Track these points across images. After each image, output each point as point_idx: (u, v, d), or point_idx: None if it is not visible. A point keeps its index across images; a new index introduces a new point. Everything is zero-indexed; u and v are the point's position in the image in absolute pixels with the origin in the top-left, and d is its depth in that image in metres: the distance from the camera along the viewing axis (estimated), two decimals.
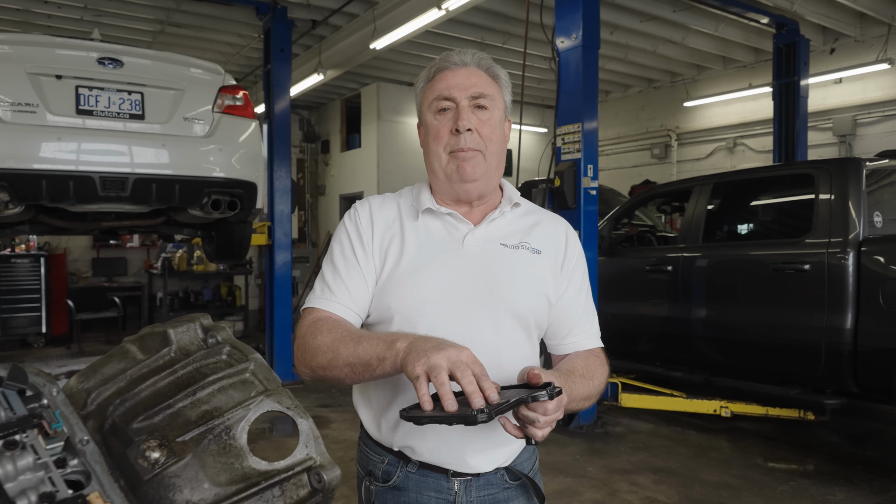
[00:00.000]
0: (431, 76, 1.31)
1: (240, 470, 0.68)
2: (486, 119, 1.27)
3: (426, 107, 1.31)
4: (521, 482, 1.33)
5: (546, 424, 1.04)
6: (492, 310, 1.26)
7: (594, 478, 4.06)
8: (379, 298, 1.27)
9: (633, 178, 11.25)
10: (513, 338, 1.28)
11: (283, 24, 6.88)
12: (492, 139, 1.28)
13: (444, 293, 1.24)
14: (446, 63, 1.30)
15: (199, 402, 0.71)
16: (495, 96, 1.30)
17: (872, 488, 3.84)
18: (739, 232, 5.70)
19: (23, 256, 8.59)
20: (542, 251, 1.33)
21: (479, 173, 1.27)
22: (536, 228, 1.36)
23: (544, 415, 1.03)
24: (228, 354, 0.78)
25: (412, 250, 1.27)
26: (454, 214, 1.30)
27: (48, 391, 0.66)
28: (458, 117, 1.25)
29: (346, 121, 12.21)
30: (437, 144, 1.28)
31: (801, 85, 7.84)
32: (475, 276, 1.26)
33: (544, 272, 1.33)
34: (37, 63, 3.64)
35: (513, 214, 1.36)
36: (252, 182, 4.25)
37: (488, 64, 1.31)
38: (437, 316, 1.23)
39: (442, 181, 1.30)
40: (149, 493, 0.65)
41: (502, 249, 1.30)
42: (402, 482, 1.27)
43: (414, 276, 1.25)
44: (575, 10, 4.98)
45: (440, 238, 1.29)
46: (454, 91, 1.27)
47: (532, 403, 1.00)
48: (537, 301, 1.31)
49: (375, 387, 1.30)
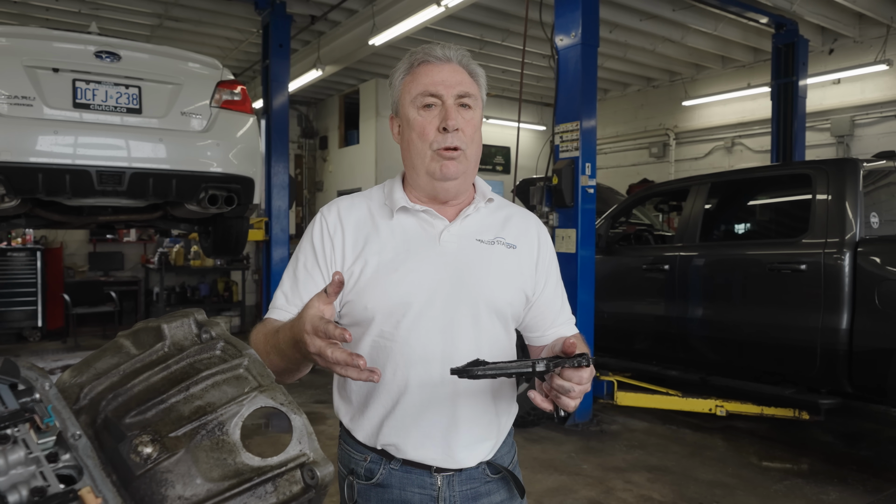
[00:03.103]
0: (413, 67, 1.29)
1: (232, 466, 0.68)
2: (469, 119, 1.27)
3: (408, 101, 1.28)
4: (501, 475, 1.34)
5: (579, 395, 1.07)
6: (471, 305, 1.26)
7: (589, 476, 4.07)
8: (356, 300, 1.26)
9: (631, 176, 11.26)
10: (491, 332, 1.29)
11: (281, 19, 6.87)
12: (474, 139, 1.29)
13: (423, 291, 1.24)
14: (429, 57, 1.28)
15: (192, 397, 0.71)
16: (477, 96, 1.30)
17: (866, 488, 3.85)
18: (736, 231, 5.71)
19: (19, 250, 8.56)
20: (518, 246, 1.35)
21: (460, 171, 1.27)
22: (509, 223, 1.37)
23: (579, 384, 1.06)
24: (222, 350, 0.77)
25: (389, 250, 1.26)
26: (429, 211, 1.30)
27: (40, 385, 0.66)
28: (446, 116, 1.24)
29: (344, 117, 12.19)
30: (423, 142, 1.26)
31: (800, 85, 7.85)
32: (453, 273, 1.26)
33: (520, 267, 1.34)
34: (34, 56, 3.62)
35: (486, 210, 1.36)
36: (249, 177, 4.24)
37: (469, 62, 1.31)
38: (416, 314, 1.23)
39: (422, 178, 1.29)
40: (141, 488, 0.65)
41: (478, 245, 1.31)
42: (385, 479, 1.28)
43: (392, 276, 1.24)
44: (574, 8, 4.97)
45: (416, 236, 1.29)
46: (440, 88, 1.25)
47: (568, 372, 1.05)
48: (515, 295, 1.32)
49: (357, 387, 1.30)
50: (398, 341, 1.24)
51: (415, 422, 1.25)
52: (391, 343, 1.24)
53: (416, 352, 1.23)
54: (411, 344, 1.23)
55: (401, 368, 1.24)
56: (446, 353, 1.24)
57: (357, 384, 1.30)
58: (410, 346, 1.23)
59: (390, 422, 1.25)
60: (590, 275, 5.08)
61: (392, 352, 1.24)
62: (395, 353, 1.24)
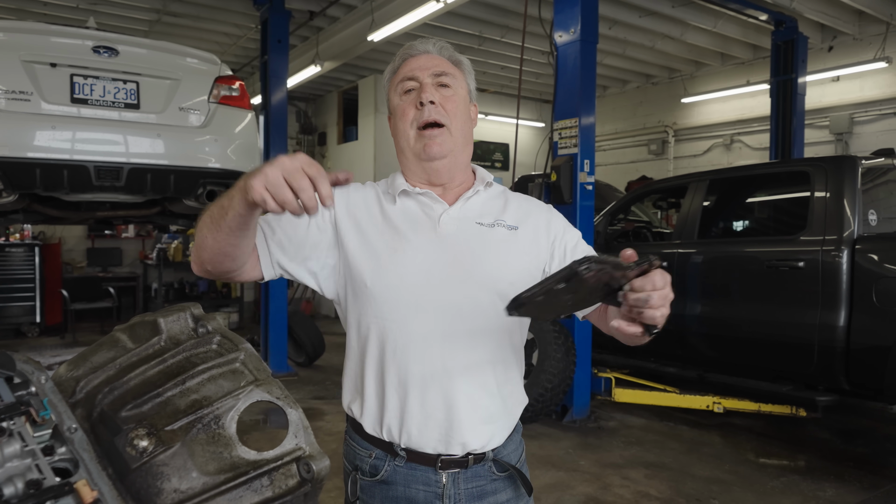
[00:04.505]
0: (397, 66, 1.36)
1: (228, 459, 0.68)
2: (449, 95, 1.31)
3: (393, 92, 1.35)
4: (508, 473, 1.33)
5: (661, 301, 0.92)
6: (471, 287, 1.27)
7: (587, 472, 4.08)
8: (356, 276, 1.27)
9: (630, 173, 11.25)
10: (492, 312, 1.28)
11: (280, 14, 6.84)
12: (456, 115, 1.31)
13: (422, 273, 1.25)
14: (409, 51, 1.35)
15: (188, 391, 0.71)
16: (457, 76, 1.35)
17: (862, 484, 3.86)
18: (735, 229, 5.71)
19: (17, 246, 8.55)
20: (519, 227, 1.35)
21: (447, 150, 1.30)
22: (510, 206, 1.39)
23: (654, 289, 0.91)
24: (219, 344, 0.77)
25: (389, 231, 1.29)
26: (428, 194, 1.32)
27: (36, 379, 0.66)
28: (421, 90, 1.30)
29: (343, 113, 12.16)
30: (404, 122, 1.31)
31: (799, 82, 7.83)
32: (452, 255, 1.27)
33: (523, 247, 1.34)
34: (31, 51, 3.61)
35: (487, 194, 1.38)
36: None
37: (450, 51, 1.37)
38: (416, 296, 1.25)
39: (411, 160, 1.34)
40: (137, 481, 0.65)
41: (478, 228, 1.32)
42: (389, 476, 1.27)
43: (392, 256, 1.26)
44: (573, 5, 4.96)
45: (416, 218, 1.31)
46: (416, 71, 1.32)
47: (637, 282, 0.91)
48: (517, 276, 1.30)
49: (359, 369, 1.30)
50: (398, 322, 1.25)
51: (417, 402, 1.24)
52: (391, 324, 1.25)
53: (416, 332, 1.24)
54: (411, 324, 1.24)
55: (400, 348, 1.25)
56: (446, 332, 1.25)
57: (357, 367, 1.30)
58: (410, 326, 1.24)
59: (392, 403, 1.25)
60: None
61: (392, 332, 1.25)
62: (396, 333, 1.25)
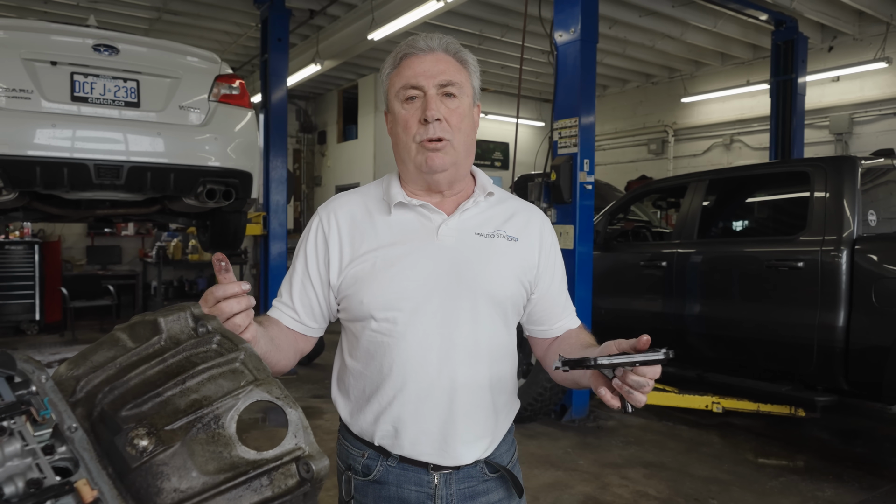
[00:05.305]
0: (397, 62, 1.28)
1: (228, 459, 0.68)
2: (454, 108, 1.25)
3: (393, 95, 1.28)
4: (499, 474, 1.33)
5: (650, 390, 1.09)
6: (469, 300, 1.25)
7: (585, 471, 4.08)
8: (353, 295, 1.26)
9: (630, 173, 11.27)
10: (490, 326, 1.28)
11: (280, 13, 6.84)
12: (460, 128, 1.26)
13: (421, 286, 1.24)
14: (412, 49, 1.26)
15: (188, 390, 0.71)
16: (463, 83, 1.27)
17: (861, 485, 3.87)
18: (734, 228, 5.71)
19: (17, 243, 8.56)
20: (519, 239, 1.33)
21: (449, 163, 1.26)
22: (511, 217, 1.35)
23: (653, 378, 1.09)
24: (218, 344, 0.78)
25: (386, 246, 1.26)
26: (427, 206, 1.28)
27: (37, 378, 0.66)
28: (426, 107, 1.22)
29: (343, 112, 12.17)
30: (406, 135, 1.25)
31: (799, 82, 7.84)
32: (451, 267, 1.25)
33: (522, 259, 1.33)
34: (32, 49, 3.61)
35: (486, 203, 1.34)
36: (247, 172, 4.24)
37: (456, 48, 1.28)
38: (413, 309, 1.23)
39: (412, 171, 1.28)
40: (136, 480, 0.65)
41: (477, 239, 1.29)
42: (382, 476, 1.27)
43: (390, 272, 1.24)
44: (574, 4, 4.96)
45: (414, 231, 1.28)
46: (421, 79, 1.23)
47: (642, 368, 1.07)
48: (515, 289, 1.31)
49: (354, 380, 1.30)
50: (395, 336, 1.23)
51: (411, 417, 1.24)
52: (388, 338, 1.24)
53: (413, 347, 1.23)
54: (408, 339, 1.23)
55: (398, 363, 1.23)
56: (443, 347, 1.23)
57: (355, 378, 1.30)
58: (407, 341, 1.23)
59: (386, 417, 1.25)
60: (587, 271, 5.09)
61: (389, 347, 1.24)
62: (393, 348, 1.23)
